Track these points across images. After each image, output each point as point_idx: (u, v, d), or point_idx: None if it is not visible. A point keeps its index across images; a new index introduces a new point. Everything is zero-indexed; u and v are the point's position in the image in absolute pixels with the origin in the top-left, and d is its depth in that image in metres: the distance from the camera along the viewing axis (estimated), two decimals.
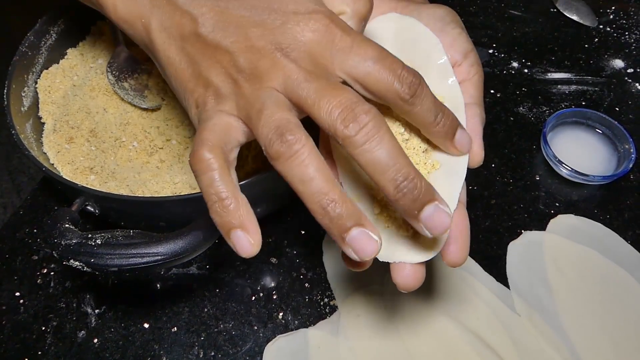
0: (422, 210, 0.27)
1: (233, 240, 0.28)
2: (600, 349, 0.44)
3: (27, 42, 0.50)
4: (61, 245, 0.36)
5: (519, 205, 0.53)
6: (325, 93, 0.28)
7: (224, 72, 0.30)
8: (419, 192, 0.27)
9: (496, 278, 0.48)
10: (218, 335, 0.45)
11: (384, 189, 0.27)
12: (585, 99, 0.62)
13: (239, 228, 0.28)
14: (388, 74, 0.29)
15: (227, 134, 0.30)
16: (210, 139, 0.29)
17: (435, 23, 0.38)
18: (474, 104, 0.36)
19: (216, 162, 0.28)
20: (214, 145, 0.29)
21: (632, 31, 0.70)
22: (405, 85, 0.29)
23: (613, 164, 0.55)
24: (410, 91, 0.29)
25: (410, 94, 0.29)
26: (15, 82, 0.48)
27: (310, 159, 0.27)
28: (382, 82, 0.29)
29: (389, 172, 0.27)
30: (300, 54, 0.29)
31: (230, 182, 0.28)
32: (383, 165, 0.27)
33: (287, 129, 0.27)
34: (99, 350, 0.45)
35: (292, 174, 0.27)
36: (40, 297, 0.47)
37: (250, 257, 0.28)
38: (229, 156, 0.30)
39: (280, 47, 0.29)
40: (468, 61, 0.37)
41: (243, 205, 0.28)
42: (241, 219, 0.28)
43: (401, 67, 0.29)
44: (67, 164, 0.47)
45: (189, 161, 0.29)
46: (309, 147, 0.27)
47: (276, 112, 0.28)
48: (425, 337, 0.44)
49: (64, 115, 0.50)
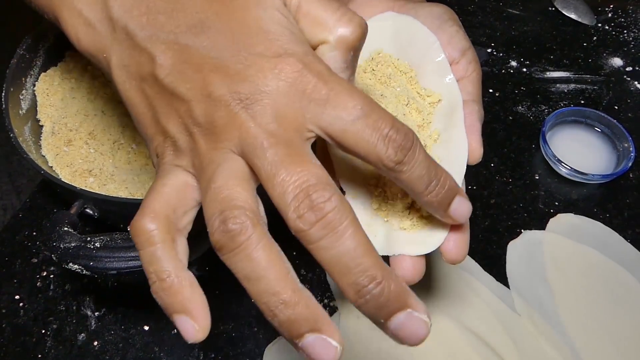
0: (390, 320, 0.24)
1: (177, 324, 0.25)
2: (601, 348, 0.44)
3: (25, 44, 0.50)
4: (60, 249, 0.36)
5: (519, 204, 0.53)
6: (281, 167, 0.24)
7: (181, 123, 0.26)
8: (385, 299, 0.23)
9: (496, 278, 0.48)
10: (218, 337, 0.45)
11: (344, 292, 0.24)
12: (584, 98, 0.62)
13: (182, 312, 0.25)
14: (371, 134, 0.24)
15: (180, 196, 0.26)
16: (154, 207, 0.25)
17: (432, 21, 0.38)
18: (472, 101, 0.36)
19: (158, 234, 0.25)
20: (157, 214, 0.25)
21: (631, 29, 0.70)
22: (392, 150, 0.24)
23: (612, 162, 0.55)
24: (396, 157, 0.24)
25: (397, 161, 0.25)
26: (14, 85, 0.48)
27: (258, 252, 0.23)
28: (362, 143, 0.24)
29: (349, 275, 0.23)
30: (261, 108, 0.24)
31: (173, 259, 0.25)
32: (343, 266, 0.23)
33: (231, 215, 0.23)
34: (99, 353, 0.45)
35: (236, 269, 0.24)
36: (40, 300, 0.47)
37: (195, 342, 0.25)
38: (179, 223, 0.26)
39: (239, 98, 0.24)
40: (466, 59, 0.37)
41: (187, 286, 0.25)
42: (183, 302, 0.25)
43: (389, 126, 0.24)
44: (65, 166, 0.47)
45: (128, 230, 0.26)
46: (256, 237, 0.23)
47: (225, 188, 0.24)
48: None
49: (63, 118, 0.50)
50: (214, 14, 0.26)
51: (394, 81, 0.37)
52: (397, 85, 0.37)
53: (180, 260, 0.26)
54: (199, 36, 0.26)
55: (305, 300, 0.23)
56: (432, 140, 0.35)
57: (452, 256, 0.31)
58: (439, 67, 0.37)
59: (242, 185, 0.24)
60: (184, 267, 0.26)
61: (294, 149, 0.24)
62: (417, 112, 0.36)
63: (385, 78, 0.37)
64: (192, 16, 0.26)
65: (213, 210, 0.24)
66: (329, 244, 0.23)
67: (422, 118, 0.36)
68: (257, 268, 0.23)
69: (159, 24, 0.27)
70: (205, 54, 0.25)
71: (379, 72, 0.37)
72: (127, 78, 0.28)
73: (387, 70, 0.37)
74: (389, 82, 0.37)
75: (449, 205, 0.28)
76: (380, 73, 0.37)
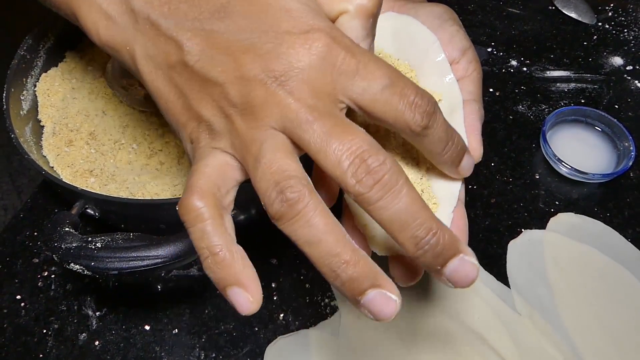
0: (446, 266, 0.25)
1: (230, 297, 0.26)
2: (601, 347, 0.44)
3: (25, 45, 0.50)
4: (61, 249, 0.36)
5: (519, 203, 0.53)
6: (331, 138, 0.25)
7: (216, 106, 0.27)
8: (442, 248, 0.25)
9: (496, 277, 0.48)
10: (219, 337, 0.45)
11: (403, 246, 0.25)
12: (585, 97, 0.62)
13: (235, 285, 0.26)
14: (398, 101, 0.26)
15: (222, 175, 0.27)
16: (201, 185, 0.26)
17: (432, 21, 0.38)
18: (473, 100, 0.36)
19: (207, 211, 0.26)
20: (204, 192, 0.26)
21: (631, 28, 0.70)
22: (418, 115, 0.26)
23: (613, 161, 0.55)
24: (423, 122, 0.26)
25: (423, 126, 0.26)
26: (14, 85, 0.48)
27: (316, 218, 0.24)
28: (391, 111, 0.26)
29: (408, 230, 0.25)
30: (297, 84, 0.25)
31: (223, 234, 0.26)
32: (402, 222, 0.25)
33: (288, 184, 0.24)
34: (100, 353, 0.45)
35: (297, 236, 0.25)
36: (41, 300, 0.47)
37: (250, 314, 0.26)
38: (224, 201, 0.27)
39: (274, 76, 0.25)
40: (466, 58, 0.37)
41: (239, 259, 0.26)
42: (237, 275, 0.26)
43: (414, 93, 0.26)
44: (66, 166, 0.47)
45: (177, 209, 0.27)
46: (313, 203, 0.24)
47: (274, 161, 0.25)
48: (425, 337, 0.44)
49: (63, 118, 0.50)
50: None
51: None
52: None
53: (230, 235, 0.26)
54: (224, 20, 0.26)
55: (364, 258, 0.25)
56: None
57: None
58: (439, 67, 0.37)
59: (290, 157, 0.25)
60: (234, 241, 0.26)
61: (338, 120, 0.25)
62: None
63: None
64: (214, 2, 0.27)
65: (268, 184, 0.25)
66: (388, 203, 0.24)
67: None
68: (318, 232, 0.24)
69: (182, 12, 0.27)
70: (232, 38, 0.26)
71: None
72: (153, 68, 0.28)
73: None
74: None
75: (460, 162, 0.30)
76: None
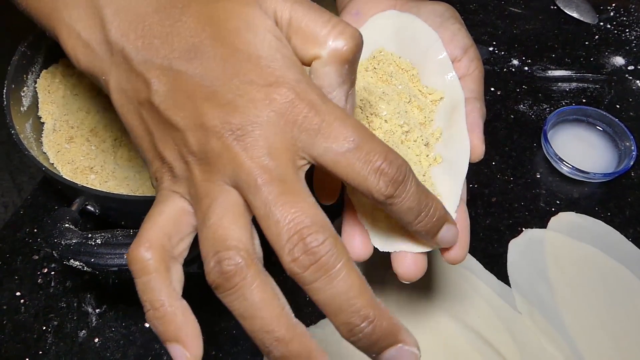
0: (382, 354, 0.24)
1: (170, 352, 0.25)
2: (602, 347, 0.44)
3: (26, 42, 0.50)
4: (61, 245, 0.36)
5: (520, 203, 0.53)
6: (276, 207, 0.23)
7: (177, 150, 0.26)
8: (378, 337, 0.24)
9: (497, 276, 0.48)
10: (218, 335, 0.45)
11: (337, 329, 0.24)
12: (586, 97, 0.62)
13: (174, 341, 0.25)
14: (362, 166, 0.24)
15: (177, 223, 0.26)
16: (150, 236, 0.26)
17: (434, 19, 0.38)
18: (474, 98, 0.36)
19: (153, 264, 0.25)
20: (153, 243, 0.26)
21: (633, 28, 0.70)
22: (382, 183, 0.24)
23: (614, 161, 0.55)
24: (387, 192, 0.25)
25: (388, 195, 0.25)
26: (15, 81, 0.48)
27: (252, 292, 0.24)
28: (353, 175, 0.24)
29: (342, 315, 0.23)
30: (254, 140, 0.24)
31: (167, 288, 0.25)
32: (337, 306, 0.23)
33: (226, 256, 0.24)
34: (100, 350, 0.45)
35: (232, 307, 0.24)
36: (40, 297, 0.47)
37: None
38: (174, 250, 0.27)
39: (231, 129, 0.24)
40: (468, 56, 0.37)
41: (179, 315, 0.25)
42: (176, 331, 0.25)
43: (382, 159, 0.24)
44: (67, 163, 0.47)
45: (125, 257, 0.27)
46: (251, 277, 0.24)
47: (219, 226, 0.24)
48: (425, 335, 0.44)
49: (64, 115, 0.50)
50: (208, 38, 0.25)
51: (396, 79, 0.37)
52: (399, 83, 0.37)
53: (174, 289, 0.26)
54: (192, 62, 0.25)
55: (298, 336, 0.24)
56: (434, 139, 0.35)
57: (452, 257, 0.32)
58: (441, 65, 0.37)
59: (237, 222, 0.24)
60: (178, 296, 0.26)
61: (287, 186, 0.24)
62: (418, 110, 0.36)
63: (386, 76, 0.37)
64: (186, 40, 0.26)
65: (208, 250, 0.24)
66: (323, 285, 0.23)
67: (424, 116, 0.36)
68: (252, 308, 0.24)
69: (154, 48, 0.26)
70: (198, 82, 0.25)
71: (381, 70, 0.37)
72: (125, 102, 0.28)
73: (389, 69, 0.37)
74: (391, 80, 0.37)
75: (437, 233, 0.28)
76: (381, 71, 0.37)
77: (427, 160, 0.34)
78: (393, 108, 0.35)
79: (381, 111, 0.35)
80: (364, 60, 0.38)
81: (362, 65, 0.38)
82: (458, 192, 0.33)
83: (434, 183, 0.34)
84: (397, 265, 0.31)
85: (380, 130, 0.35)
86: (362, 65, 0.38)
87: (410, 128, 0.35)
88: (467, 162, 0.34)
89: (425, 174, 0.34)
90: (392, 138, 0.34)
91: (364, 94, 0.36)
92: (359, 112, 0.35)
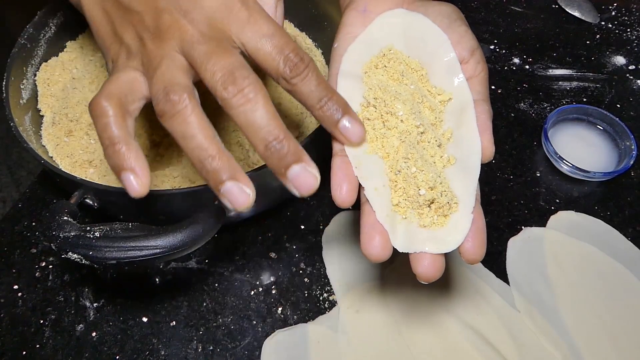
0: (289, 169, 0.30)
1: (122, 181, 0.30)
2: (600, 345, 0.44)
3: (26, 34, 0.50)
4: (59, 238, 0.36)
5: (520, 201, 0.53)
6: (212, 56, 0.30)
7: (134, 32, 0.32)
8: (286, 153, 0.30)
9: (496, 274, 0.48)
10: (217, 330, 0.45)
11: (256, 147, 0.30)
12: (587, 96, 0.62)
13: (127, 170, 0.30)
14: (276, 53, 0.31)
15: (131, 87, 0.32)
16: (110, 89, 0.31)
17: (442, 20, 0.38)
18: (482, 100, 0.36)
19: (112, 110, 0.31)
20: (112, 94, 0.31)
21: (634, 28, 0.70)
22: (288, 67, 0.31)
23: (614, 160, 0.55)
24: (291, 73, 0.31)
25: (291, 76, 0.31)
26: (14, 74, 0.48)
27: (192, 117, 0.30)
28: (268, 60, 0.31)
29: (260, 133, 0.30)
30: (198, 16, 0.31)
31: (122, 129, 0.31)
32: (256, 126, 0.30)
33: (173, 90, 0.30)
34: (98, 344, 0.44)
35: (175, 131, 0.30)
36: (38, 290, 0.47)
37: (139, 197, 0.30)
38: (129, 107, 0.32)
39: (180, 9, 0.31)
40: (474, 58, 0.37)
41: (133, 150, 0.31)
42: (130, 162, 0.30)
43: (290, 49, 0.31)
44: (66, 157, 0.47)
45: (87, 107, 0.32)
46: (191, 107, 0.30)
47: (167, 72, 0.30)
48: (424, 333, 0.44)
49: (63, 108, 0.50)
50: None
51: (407, 79, 0.37)
52: (410, 83, 0.37)
53: (129, 132, 0.31)
54: None
55: (227, 156, 0.30)
56: (446, 139, 0.35)
57: (470, 256, 0.32)
58: (449, 66, 0.37)
59: (181, 72, 0.31)
60: (132, 137, 0.31)
61: (222, 46, 0.31)
62: (429, 110, 0.36)
63: (397, 75, 0.37)
64: None
65: (158, 87, 0.30)
66: (246, 110, 0.30)
67: (435, 116, 0.36)
68: (191, 129, 0.30)
69: None
70: None
71: (391, 68, 0.37)
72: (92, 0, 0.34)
73: (400, 68, 0.37)
74: (402, 80, 0.37)
75: (337, 123, 0.33)
76: (392, 70, 0.37)
77: (442, 162, 0.34)
78: (409, 108, 0.35)
79: (397, 110, 0.35)
80: (373, 57, 0.38)
81: (372, 62, 0.38)
82: (473, 193, 0.33)
83: (450, 185, 0.33)
84: (416, 266, 0.32)
85: (395, 130, 0.35)
86: (372, 63, 0.38)
87: (425, 129, 0.34)
88: (479, 163, 0.34)
89: (440, 175, 0.33)
90: (409, 138, 0.34)
91: (378, 92, 0.36)
92: (374, 110, 0.35)
